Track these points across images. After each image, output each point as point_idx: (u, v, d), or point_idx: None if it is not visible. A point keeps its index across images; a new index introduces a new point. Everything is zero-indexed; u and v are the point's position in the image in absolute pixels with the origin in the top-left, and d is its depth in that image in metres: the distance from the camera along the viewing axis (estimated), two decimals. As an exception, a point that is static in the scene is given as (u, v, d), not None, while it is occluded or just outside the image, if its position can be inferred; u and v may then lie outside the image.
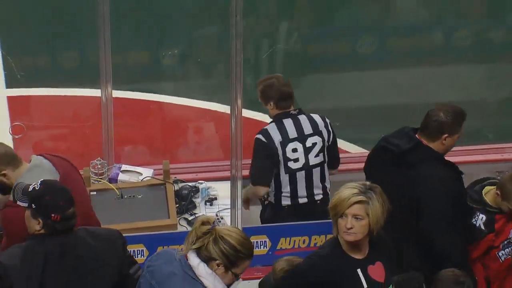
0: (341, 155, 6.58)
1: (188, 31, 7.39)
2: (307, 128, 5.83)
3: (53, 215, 4.30)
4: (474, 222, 5.30)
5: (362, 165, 6.33)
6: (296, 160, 5.79)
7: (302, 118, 5.82)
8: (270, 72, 7.40)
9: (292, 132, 5.80)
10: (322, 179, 5.87)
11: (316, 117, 5.86)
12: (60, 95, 7.32)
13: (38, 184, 4.37)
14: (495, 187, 5.32)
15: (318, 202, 5.86)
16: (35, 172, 4.89)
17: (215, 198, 6.06)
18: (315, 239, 5.70)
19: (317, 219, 5.75)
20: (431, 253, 5.22)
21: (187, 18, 7.32)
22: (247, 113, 5.85)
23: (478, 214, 5.31)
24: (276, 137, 5.76)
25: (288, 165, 5.79)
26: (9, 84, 7.25)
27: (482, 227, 5.28)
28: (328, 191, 5.89)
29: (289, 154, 5.78)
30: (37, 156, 5.03)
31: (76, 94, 7.21)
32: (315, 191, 5.85)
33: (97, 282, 4.40)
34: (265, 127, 5.79)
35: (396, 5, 7.50)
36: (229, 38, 5.09)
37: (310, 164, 5.81)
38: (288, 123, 5.81)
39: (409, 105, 7.09)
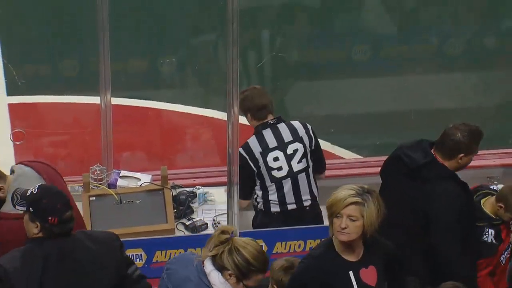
0: (335, 161, 6.59)
1: (185, 39, 7.38)
2: (287, 136, 5.83)
3: (50, 218, 4.30)
4: (486, 239, 5.30)
5: (356, 171, 6.37)
6: (279, 168, 5.80)
7: (281, 127, 5.83)
8: (267, 79, 7.41)
9: (271, 142, 5.80)
10: (309, 184, 5.86)
11: (296, 123, 5.87)
12: (60, 102, 7.32)
13: (36, 188, 4.39)
14: (488, 197, 5.34)
15: (307, 208, 5.86)
16: (21, 181, 4.92)
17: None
18: (311, 243, 5.70)
19: (306, 225, 5.76)
20: (439, 267, 5.22)
21: (185, 26, 7.32)
22: (243, 119, 5.84)
23: (486, 230, 5.31)
24: (256, 149, 5.78)
25: (272, 174, 5.80)
26: (10, 92, 7.25)
27: (494, 241, 5.31)
28: (316, 196, 5.89)
29: (271, 163, 5.79)
30: (17, 165, 5.06)
31: (76, 101, 7.21)
32: (303, 197, 5.84)
33: (95, 285, 4.40)
34: (247, 140, 5.80)
35: (390, 13, 7.49)
36: (225, 45, 5.08)
37: (294, 170, 5.81)
38: (268, 133, 5.81)
39: (403, 111, 7.09)
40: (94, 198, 5.88)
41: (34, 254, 4.31)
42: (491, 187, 5.56)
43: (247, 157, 5.77)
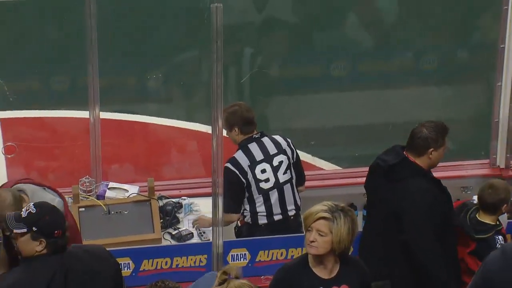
0: (316, 172, 6.60)
1: (171, 55, 7.38)
2: (272, 148, 5.85)
3: (56, 232, 4.27)
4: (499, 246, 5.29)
5: (336, 182, 6.40)
6: (266, 180, 5.81)
7: (265, 140, 5.85)
8: (250, 94, 7.41)
9: (258, 155, 5.81)
10: (294, 195, 5.88)
11: (278, 137, 5.90)
12: (50, 116, 7.30)
13: (32, 207, 4.32)
14: (480, 209, 5.35)
15: (292, 217, 5.86)
16: (38, 197, 4.88)
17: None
18: (292, 251, 5.69)
19: (291, 233, 5.75)
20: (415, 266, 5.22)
21: (171, 43, 7.31)
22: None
23: (496, 238, 5.33)
24: (245, 163, 5.79)
25: (260, 185, 5.80)
26: (2, 107, 7.21)
27: None
28: (299, 206, 5.89)
29: (259, 175, 5.80)
30: (19, 185, 5.00)
31: (66, 116, 7.19)
32: (288, 207, 5.85)
33: None
34: (233, 155, 5.81)
35: (367, 30, 7.51)
36: (210, 62, 5.07)
37: (280, 181, 5.82)
38: (254, 147, 5.83)
39: (381, 124, 7.11)
40: (83, 209, 5.88)
41: (39, 272, 4.25)
42: (473, 201, 5.57)
43: (236, 171, 5.76)
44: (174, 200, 6.10)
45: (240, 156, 5.80)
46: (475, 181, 5.56)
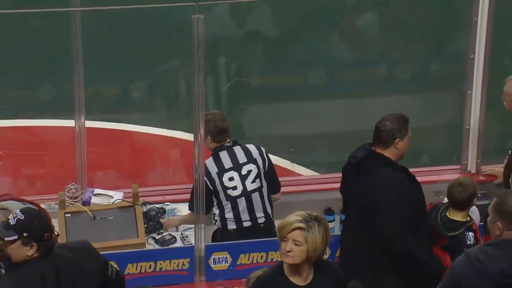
0: (295, 178, 6.61)
1: (154, 66, 7.37)
2: (241, 157, 5.85)
3: (46, 234, 4.29)
4: (470, 242, 5.33)
5: (314, 187, 6.40)
6: (234, 188, 5.81)
7: (237, 149, 5.85)
8: (231, 102, 7.41)
9: (227, 163, 5.82)
10: (263, 203, 5.86)
11: (251, 146, 5.89)
12: (37, 125, 7.27)
13: (19, 214, 4.32)
14: (449, 209, 5.40)
15: (262, 225, 5.85)
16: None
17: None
18: (272, 254, 5.70)
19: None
20: (393, 253, 5.23)
21: (154, 54, 7.31)
22: (208, 140, 5.86)
23: (467, 234, 5.36)
24: (213, 170, 5.79)
25: (228, 192, 5.80)
26: (-11, 116, 7.20)
27: (475, 242, 5.35)
28: (270, 214, 5.88)
29: (227, 183, 5.80)
30: (2, 203, 4.96)
31: (52, 125, 7.16)
32: (258, 215, 5.84)
33: None
34: (204, 161, 5.74)
35: (344, 41, 7.55)
36: (192, 72, 5.08)
37: (248, 190, 5.82)
38: (224, 155, 5.83)
39: (357, 131, 7.09)
40: (69, 214, 5.86)
41: (31, 276, 4.26)
42: (443, 202, 5.62)
43: (206, 178, 5.72)
44: (157, 205, 6.09)
45: (210, 163, 5.80)
46: (447, 186, 5.60)
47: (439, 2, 7.35)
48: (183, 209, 6.06)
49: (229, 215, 5.80)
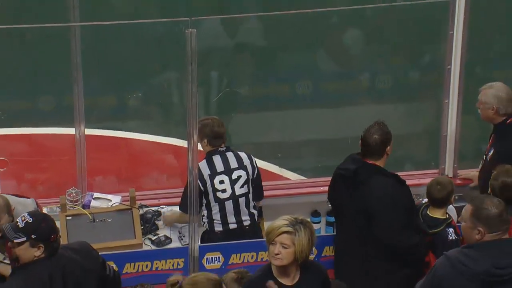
0: (283, 182, 6.60)
1: (150, 77, 7.38)
2: (233, 163, 5.84)
3: (52, 236, 4.35)
4: (451, 237, 5.38)
5: (301, 190, 6.33)
6: (223, 190, 5.80)
7: (229, 155, 5.84)
8: (222, 111, 7.43)
9: (219, 167, 5.81)
10: (248, 208, 5.86)
11: (242, 154, 5.88)
12: (39, 133, 7.25)
13: (28, 217, 4.37)
14: (429, 207, 5.48)
15: (247, 227, 5.86)
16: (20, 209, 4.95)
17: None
18: (262, 254, 5.71)
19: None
20: (395, 254, 5.26)
21: (150, 65, 7.33)
22: (201, 147, 5.90)
23: (447, 230, 5.42)
24: (206, 172, 5.77)
25: (217, 195, 5.79)
26: (-6, 125, 7.20)
27: (456, 236, 5.40)
28: (255, 217, 5.89)
29: (217, 185, 5.79)
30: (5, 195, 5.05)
31: (53, 133, 7.15)
32: (243, 218, 5.84)
33: None
34: (198, 163, 5.71)
35: (328, 53, 7.58)
36: (185, 82, 5.11)
37: (236, 194, 5.81)
38: (217, 159, 5.82)
39: (341, 138, 7.09)
40: (70, 217, 5.88)
41: (40, 275, 4.30)
42: (423, 202, 5.70)
43: (198, 179, 5.68)
44: (153, 208, 6.09)
45: (203, 165, 5.79)
46: (425, 189, 5.67)
47: (418, 16, 7.42)
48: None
49: (216, 216, 5.80)
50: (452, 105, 6.27)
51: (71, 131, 6.12)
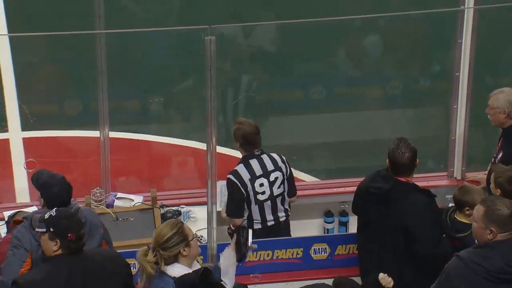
0: (297, 183, 6.54)
1: (171, 82, 7.38)
2: (269, 165, 5.81)
3: (70, 234, 4.29)
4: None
5: (315, 192, 6.31)
6: (263, 193, 5.78)
7: (265, 157, 5.81)
8: (240, 115, 7.39)
9: (258, 170, 5.78)
10: (283, 203, 5.86)
11: (275, 155, 5.86)
12: (66, 136, 7.27)
13: (54, 211, 4.35)
14: (456, 211, 5.33)
15: (282, 222, 5.85)
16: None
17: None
18: (277, 252, 5.68)
19: (282, 235, 5.76)
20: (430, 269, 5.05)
21: (171, 71, 7.32)
22: (220, 149, 5.85)
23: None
24: (246, 176, 5.74)
25: (257, 197, 5.78)
26: (24, 127, 7.21)
27: None
28: (289, 212, 5.88)
29: (258, 188, 5.77)
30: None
31: (79, 135, 7.17)
32: (279, 214, 5.84)
33: None
34: (235, 168, 5.76)
35: (341, 60, 7.55)
36: (205, 88, 5.08)
37: (274, 194, 5.80)
38: (254, 162, 5.79)
39: (354, 141, 7.10)
40: (94, 216, 5.90)
41: (59, 270, 4.26)
42: (449, 205, 5.57)
43: (238, 183, 5.72)
44: (174, 208, 6.06)
45: (241, 169, 5.76)
46: (435, 191, 5.58)
47: (428, 24, 7.37)
48: (197, 212, 6.05)
49: (256, 216, 5.78)
50: (460, 110, 6.23)
51: (95, 134, 6.11)
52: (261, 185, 5.78)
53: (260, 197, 5.78)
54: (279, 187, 5.82)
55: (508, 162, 5.55)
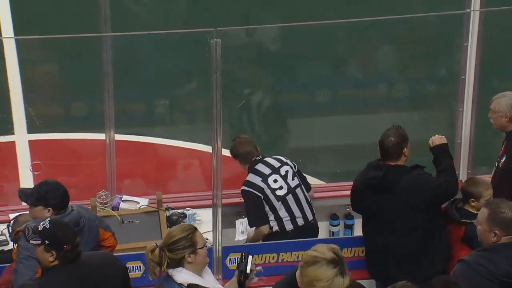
0: None
1: (176, 85, 7.38)
2: (275, 163, 5.87)
3: (66, 246, 4.24)
4: None
5: (320, 194, 6.28)
6: (280, 188, 5.79)
7: (268, 159, 5.88)
8: (245, 118, 7.38)
9: (266, 170, 5.83)
10: (306, 198, 5.86)
11: (276, 156, 5.93)
12: (71, 138, 7.28)
13: (47, 223, 4.28)
14: (465, 201, 5.36)
15: (311, 221, 5.85)
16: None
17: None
18: (282, 255, 5.66)
19: (314, 236, 5.76)
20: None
21: (176, 74, 7.32)
22: (226, 152, 5.84)
23: None
24: (257, 180, 5.78)
25: (277, 193, 5.78)
26: (30, 130, 7.21)
27: None
28: (313, 210, 5.89)
29: (273, 185, 5.79)
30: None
31: (85, 138, 7.17)
32: (306, 211, 5.83)
33: None
34: (246, 178, 5.81)
35: (347, 64, 7.54)
36: (210, 90, 5.07)
37: (292, 186, 5.81)
38: (260, 166, 5.84)
39: (359, 144, 7.09)
40: (100, 218, 5.89)
41: (57, 281, 4.23)
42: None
43: (252, 190, 5.75)
44: (179, 211, 6.06)
45: (251, 177, 5.81)
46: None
47: (434, 27, 7.35)
48: (202, 214, 6.04)
49: (283, 214, 5.76)
50: (466, 113, 6.22)
51: (101, 136, 6.10)
52: (275, 181, 5.79)
53: (279, 193, 5.78)
54: (293, 179, 5.84)
55: (511, 165, 5.54)
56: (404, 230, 5.26)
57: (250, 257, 4.42)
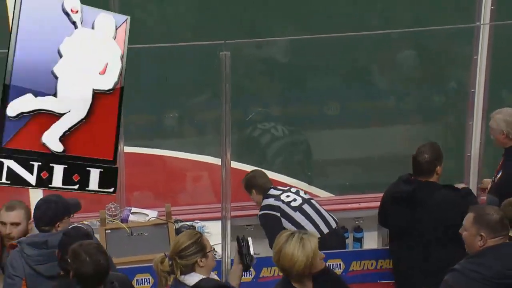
0: None
1: (186, 97, 7.37)
2: (284, 187, 6.10)
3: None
4: None
5: (330, 207, 6.30)
6: (294, 200, 5.91)
7: (277, 186, 6.10)
8: (255, 130, 7.36)
9: (277, 192, 5.99)
10: (325, 210, 5.93)
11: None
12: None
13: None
14: None
15: (336, 228, 5.90)
16: None
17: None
18: None
19: (341, 245, 5.80)
20: None
21: (185, 86, 7.32)
22: (234, 164, 5.84)
23: None
24: (271, 200, 5.92)
25: (292, 204, 5.87)
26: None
27: None
28: (335, 219, 5.92)
29: (286, 199, 5.90)
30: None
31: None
32: (327, 218, 5.88)
33: None
34: (262, 205, 5.94)
35: (355, 76, 7.54)
36: (220, 102, 5.08)
37: (306, 198, 5.94)
38: (271, 191, 6.01)
39: (368, 157, 7.09)
40: (109, 231, 5.88)
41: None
42: None
43: (268, 211, 5.87)
44: (188, 223, 6.07)
45: (266, 202, 5.94)
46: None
47: (443, 40, 7.34)
48: (211, 227, 6.05)
49: (304, 222, 5.82)
50: (476, 126, 6.21)
51: (111, 148, 6.06)
52: (287, 196, 5.92)
53: (294, 204, 5.88)
54: (305, 193, 6.02)
55: (506, 181, 5.50)
56: (436, 246, 5.23)
57: (249, 238, 4.42)
